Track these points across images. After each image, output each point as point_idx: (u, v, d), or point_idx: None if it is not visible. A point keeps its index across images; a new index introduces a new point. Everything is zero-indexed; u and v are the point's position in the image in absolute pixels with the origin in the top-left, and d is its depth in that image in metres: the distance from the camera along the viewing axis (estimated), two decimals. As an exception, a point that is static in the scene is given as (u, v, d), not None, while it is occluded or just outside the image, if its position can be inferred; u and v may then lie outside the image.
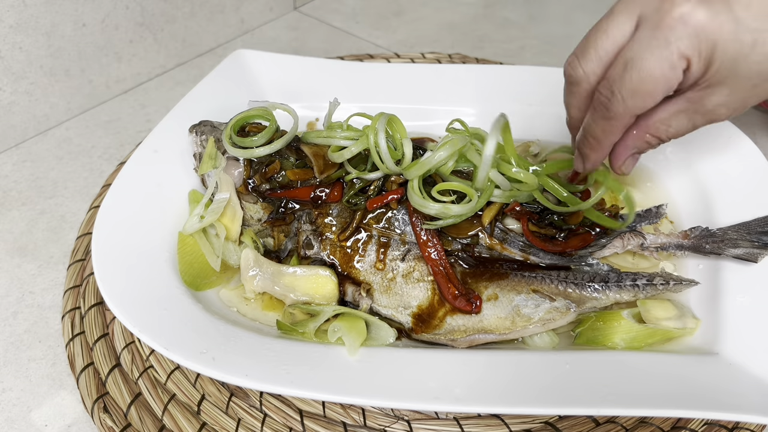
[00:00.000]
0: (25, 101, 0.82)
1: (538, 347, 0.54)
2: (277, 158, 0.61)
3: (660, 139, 0.48)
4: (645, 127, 0.48)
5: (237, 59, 0.77)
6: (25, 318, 0.62)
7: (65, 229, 0.72)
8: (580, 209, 0.55)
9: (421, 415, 0.52)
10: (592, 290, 0.54)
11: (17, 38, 0.77)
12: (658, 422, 0.51)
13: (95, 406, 0.53)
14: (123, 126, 0.87)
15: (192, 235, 0.60)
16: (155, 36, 0.93)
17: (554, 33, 1.08)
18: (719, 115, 0.46)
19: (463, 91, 0.76)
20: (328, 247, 0.57)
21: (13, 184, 0.78)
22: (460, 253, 0.56)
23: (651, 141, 0.49)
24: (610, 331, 0.53)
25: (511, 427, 0.51)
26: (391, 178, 0.58)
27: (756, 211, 0.58)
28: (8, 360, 0.59)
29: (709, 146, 0.67)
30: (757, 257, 0.55)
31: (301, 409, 0.52)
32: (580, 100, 0.49)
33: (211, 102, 0.71)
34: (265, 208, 0.61)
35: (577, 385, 0.47)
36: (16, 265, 0.68)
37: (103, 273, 0.52)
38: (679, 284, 0.54)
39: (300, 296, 0.56)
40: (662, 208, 0.60)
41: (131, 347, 0.57)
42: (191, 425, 0.52)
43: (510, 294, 0.54)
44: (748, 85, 0.43)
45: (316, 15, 1.15)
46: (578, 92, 0.48)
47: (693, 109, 0.45)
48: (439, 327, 0.54)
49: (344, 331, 0.51)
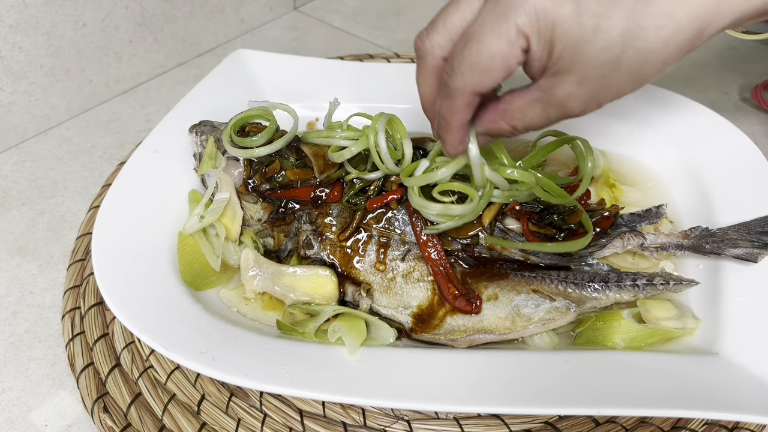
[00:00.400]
0: (25, 101, 0.82)
1: (538, 347, 0.54)
2: (277, 158, 0.61)
3: (515, 127, 0.47)
4: (501, 113, 0.46)
5: (237, 59, 0.77)
6: (25, 318, 0.62)
7: (65, 229, 0.72)
8: (567, 202, 0.55)
9: (421, 415, 0.52)
10: (592, 290, 0.54)
11: (17, 38, 0.77)
12: (658, 422, 0.51)
13: (95, 406, 0.53)
14: (123, 126, 0.87)
15: (192, 235, 0.60)
16: (155, 36, 0.93)
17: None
18: (572, 108, 0.44)
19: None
20: (328, 247, 0.57)
21: (13, 184, 0.78)
22: (460, 253, 0.56)
23: (504, 128, 0.47)
24: (610, 331, 0.53)
25: (511, 427, 0.51)
26: (391, 178, 0.58)
27: (756, 211, 0.58)
28: (8, 360, 0.59)
29: (709, 146, 0.67)
30: (757, 257, 0.55)
31: (301, 409, 0.52)
32: (427, 76, 0.48)
33: (211, 102, 0.71)
34: (265, 208, 0.61)
35: (577, 385, 0.47)
36: (16, 265, 0.68)
37: (103, 273, 0.52)
38: (679, 284, 0.54)
39: (300, 296, 0.56)
40: (662, 208, 0.60)
41: (131, 347, 0.57)
42: (191, 425, 0.52)
43: (510, 294, 0.54)
44: (596, 75, 0.41)
45: (316, 15, 1.15)
46: (425, 67, 0.47)
47: (546, 99, 0.44)
48: (439, 327, 0.54)
49: (344, 331, 0.51)
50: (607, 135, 0.73)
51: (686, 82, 0.94)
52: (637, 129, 0.72)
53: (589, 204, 0.60)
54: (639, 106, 0.73)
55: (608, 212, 0.58)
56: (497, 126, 0.47)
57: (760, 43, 1.03)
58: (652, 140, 0.71)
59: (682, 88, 0.72)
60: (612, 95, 0.43)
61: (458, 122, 0.47)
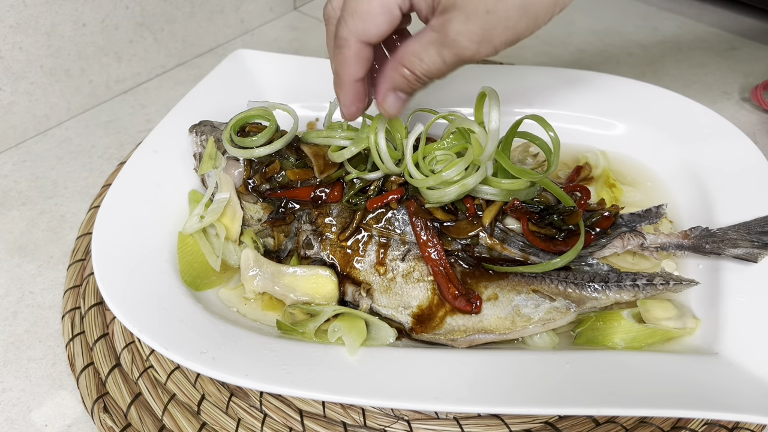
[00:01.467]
0: (25, 101, 0.82)
1: (538, 347, 0.54)
2: (277, 158, 0.61)
3: (415, 74, 0.46)
4: (399, 59, 0.46)
5: (237, 59, 0.77)
6: (25, 318, 0.62)
7: (65, 229, 0.72)
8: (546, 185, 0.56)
9: (421, 415, 0.52)
10: (592, 290, 0.54)
11: (17, 38, 0.77)
12: (658, 422, 0.51)
13: (95, 406, 0.53)
14: (123, 126, 0.87)
15: (192, 235, 0.60)
16: (155, 36, 0.93)
17: (554, 33, 1.08)
18: (465, 48, 0.43)
19: (462, 91, 0.76)
20: (328, 247, 0.57)
21: (13, 184, 0.78)
22: (460, 253, 0.56)
23: (407, 75, 0.47)
24: (610, 331, 0.53)
25: (511, 427, 0.51)
26: (391, 178, 0.58)
27: (756, 211, 0.58)
28: (8, 360, 0.59)
29: (709, 146, 0.67)
30: (757, 257, 0.55)
31: (301, 409, 0.52)
32: (330, 39, 0.49)
33: (211, 102, 0.71)
34: (265, 208, 0.61)
35: (577, 385, 0.47)
36: (16, 265, 0.68)
37: (103, 273, 0.52)
38: (679, 284, 0.54)
39: (300, 296, 0.56)
40: (662, 208, 0.60)
41: (131, 347, 0.57)
42: (191, 425, 0.52)
43: (510, 294, 0.54)
44: (481, 9, 0.41)
45: (316, 15, 1.15)
46: (329, 32, 0.48)
47: (439, 40, 0.44)
48: (439, 327, 0.54)
49: (344, 331, 0.51)
50: (607, 135, 0.73)
51: (686, 82, 0.94)
52: (637, 129, 0.72)
53: (589, 204, 0.60)
54: (639, 106, 0.73)
55: (608, 212, 0.58)
56: (398, 75, 0.47)
57: (760, 43, 1.03)
58: (652, 140, 0.71)
59: (682, 88, 0.73)
60: (506, 35, 0.43)
61: (349, 76, 0.47)
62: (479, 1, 0.41)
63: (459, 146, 0.56)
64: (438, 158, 0.56)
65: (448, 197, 0.54)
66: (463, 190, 0.53)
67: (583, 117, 0.74)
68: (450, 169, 0.52)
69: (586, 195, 0.61)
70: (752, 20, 1.10)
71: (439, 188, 0.54)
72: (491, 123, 0.50)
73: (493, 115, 0.50)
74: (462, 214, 0.56)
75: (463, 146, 0.56)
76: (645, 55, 1.02)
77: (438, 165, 0.56)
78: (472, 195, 0.56)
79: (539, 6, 0.41)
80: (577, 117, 0.74)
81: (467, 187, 0.53)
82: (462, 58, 0.44)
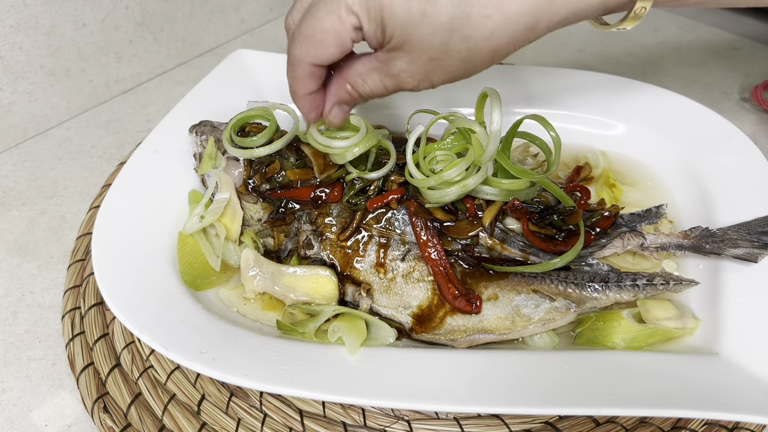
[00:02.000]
0: (25, 101, 0.82)
1: (538, 347, 0.54)
2: (277, 158, 0.61)
3: (358, 92, 0.50)
4: (345, 77, 0.49)
5: (237, 59, 0.77)
6: (25, 318, 0.62)
7: (65, 229, 0.72)
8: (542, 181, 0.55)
9: (421, 415, 0.51)
10: (592, 290, 0.54)
11: (17, 38, 0.77)
12: (658, 422, 0.51)
13: (95, 406, 0.53)
14: (123, 126, 0.87)
15: (192, 235, 0.60)
16: (155, 36, 0.93)
17: (554, 33, 1.08)
18: (405, 81, 0.47)
19: (462, 91, 0.75)
20: (328, 247, 0.57)
21: (13, 184, 0.78)
22: (460, 253, 0.56)
23: (351, 92, 0.50)
24: (610, 331, 0.53)
25: (511, 427, 0.51)
26: (391, 178, 0.58)
27: (756, 211, 0.58)
28: (8, 360, 0.59)
29: (709, 146, 0.67)
30: (757, 257, 0.55)
31: (301, 409, 0.52)
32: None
33: (211, 102, 0.71)
34: (265, 208, 0.61)
35: (577, 385, 0.47)
36: (16, 265, 0.68)
37: (103, 273, 0.52)
38: (679, 284, 0.54)
39: (300, 296, 0.56)
40: (662, 208, 0.60)
41: (131, 347, 0.57)
42: (191, 425, 0.52)
43: (510, 294, 0.54)
44: (425, 56, 0.44)
45: (316, 15, 1.15)
46: (289, 42, 0.50)
47: (383, 70, 0.47)
48: (439, 327, 0.54)
49: (344, 331, 0.51)
50: (607, 135, 0.73)
51: (686, 82, 0.94)
52: (637, 129, 0.72)
53: (589, 204, 0.60)
54: (639, 106, 0.73)
55: (608, 212, 0.58)
56: (343, 91, 0.50)
57: (760, 43, 1.03)
58: (652, 140, 0.71)
59: (682, 88, 0.73)
60: (444, 77, 0.46)
61: (302, 91, 0.50)
62: (425, 49, 0.44)
63: (459, 146, 0.56)
64: (438, 158, 0.56)
65: (448, 197, 0.54)
66: (464, 190, 0.53)
67: (583, 117, 0.74)
68: (451, 170, 0.53)
69: (586, 195, 0.61)
70: (752, 20, 1.10)
71: (440, 188, 0.54)
72: (493, 124, 0.50)
73: (494, 116, 0.50)
74: (462, 214, 0.56)
75: (464, 146, 0.56)
76: (645, 55, 1.02)
77: (438, 165, 0.56)
78: (472, 195, 0.56)
79: (478, 58, 0.44)
80: (577, 117, 0.74)
81: (468, 188, 0.53)
82: (402, 88, 0.48)
